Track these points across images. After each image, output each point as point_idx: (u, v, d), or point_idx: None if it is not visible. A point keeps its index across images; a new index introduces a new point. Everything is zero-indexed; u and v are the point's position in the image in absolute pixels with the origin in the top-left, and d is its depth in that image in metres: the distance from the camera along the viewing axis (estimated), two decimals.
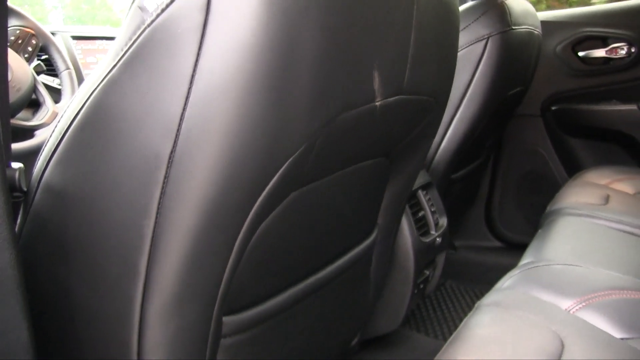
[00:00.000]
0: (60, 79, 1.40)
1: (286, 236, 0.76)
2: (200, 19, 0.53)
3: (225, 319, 0.74)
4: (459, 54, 1.44)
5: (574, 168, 2.08)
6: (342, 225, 0.91)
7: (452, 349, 0.77)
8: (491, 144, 2.05)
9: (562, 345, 0.79)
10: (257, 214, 0.65)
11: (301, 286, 0.86)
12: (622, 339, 0.84)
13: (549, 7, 3.25)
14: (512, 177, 2.23)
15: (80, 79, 1.46)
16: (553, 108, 2.14)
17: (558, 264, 1.05)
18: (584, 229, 1.29)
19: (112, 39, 1.66)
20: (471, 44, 1.47)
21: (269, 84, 0.54)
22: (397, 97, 0.74)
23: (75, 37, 1.56)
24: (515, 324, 0.84)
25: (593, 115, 2.07)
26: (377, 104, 0.69)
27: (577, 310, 0.90)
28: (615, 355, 0.79)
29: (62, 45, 1.49)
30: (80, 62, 1.52)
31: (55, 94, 1.40)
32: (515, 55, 1.59)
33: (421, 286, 1.40)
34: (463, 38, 1.47)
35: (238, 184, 0.59)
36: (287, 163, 0.62)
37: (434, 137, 1.00)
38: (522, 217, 2.24)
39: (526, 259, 1.12)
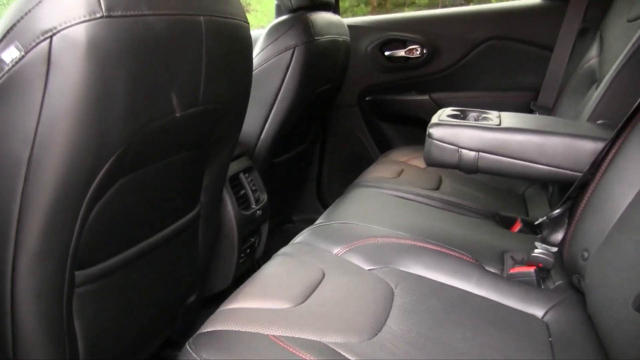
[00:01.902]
0: None
1: (120, 211, 1.04)
2: (44, 68, 0.80)
3: (77, 272, 1.00)
4: (270, 61, 1.79)
5: (385, 148, 2.50)
6: (167, 202, 1.20)
7: (244, 285, 1.09)
8: (315, 131, 2.42)
9: (323, 275, 1.13)
10: (93, 195, 0.92)
11: (137, 248, 1.14)
12: (369, 269, 1.21)
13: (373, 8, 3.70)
14: (337, 158, 2.64)
15: None
16: (367, 98, 2.56)
17: (338, 223, 1.41)
18: (369, 197, 1.66)
19: None
20: (281, 53, 1.81)
21: (91, 107, 0.82)
22: (194, 109, 1.04)
23: None
24: (294, 265, 1.17)
25: (398, 104, 2.52)
26: (177, 115, 1.00)
27: (342, 253, 1.25)
28: (361, 279, 1.15)
29: None
30: None
31: None
32: (320, 60, 1.95)
33: (248, 251, 1.72)
34: (274, 48, 1.81)
35: (76, 174, 0.87)
36: (111, 159, 0.90)
37: (238, 132, 1.32)
38: None
39: (319, 220, 1.47)
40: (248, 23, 1.21)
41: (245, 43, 1.20)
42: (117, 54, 0.83)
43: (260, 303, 1.00)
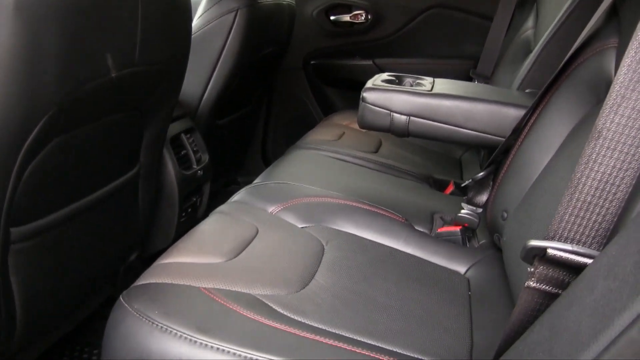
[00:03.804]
0: None
1: (55, 169, 1.05)
2: None
3: (12, 229, 1.02)
4: (212, 23, 1.80)
5: (329, 112, 2.54)
6: (105, 161, 1.21)
7: (179, 240, 1.13)
8: (260, 93, 2.44)
9: (257, 232, 1.17)
10: (27, 153, 0.93)
11: (74, 206, 1.15)
12: (302, 227, 1.26)
13: None
14: (282, 120, 2.67)
15: None
16: (312, 62, 2.59)
17: (275, 182, 1.45)
18: (308, 158, 1.71)
19: None
20: (223, 15, 1.82)
21: (21, 67, 0.84)
22: (130, 70, 1.06)
23: None
24: (229, 222, 1.21)
25: (342, 68, 2.56)
26: (113, 75, 1.01)
27: (277, 212, 1.30)
28: (293, 236, 1.19)
29: None
30: None
31: None
32: (264, 23, 1.97)
33: (189, 210, 1.75)
34: (217, 10, 1.81)
35: (7, 132, 0.88)
36: (44, 118, 0.91)
37: (177, 94, 1.34)
38: None
39: (257, 180, 1.51)
40: None
41: (183, 5, 1.21)
42: (47, 14, 0.85)
43: (195, 258, 1.04)
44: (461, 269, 1.23)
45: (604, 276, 0.50)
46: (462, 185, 1.38)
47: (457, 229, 1.35)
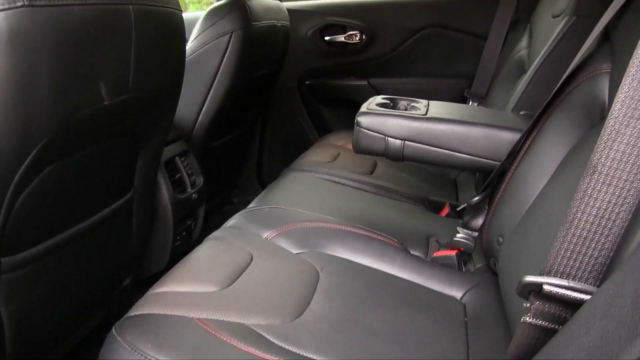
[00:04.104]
0: None
1: (49, 197, 1.04)
2: None
3: (3, 259, 1.01)
4: (207, 46, 1.80)
5: (324, 132, 2.54)
6: (98, 188, 1.20)
7: (173, 268, 1.12)
8: (255, 114, 2.44)
9: (251, 259, 1.17)
10: (20, 181, 0.93)
11: (68, 233, 1.14)
12: (296, 253, 1.25)
13: None
14: (277, 140, 2.67)
15: None
16: (307, 82, 2.60)
17: (269, 207, 1.45)
18: (303, 181, 1.70)
19: None
20: (218, 38, 1.82)
21: (15, 96, 0.83)
22: (124, 97, 1.05)
23: None
24: (223, 249, 1.20)
25: (337, 88, 2.57)
26: (106, 103, 1.01)
27: (272, 237, 1.29)
28: (287, 263, 1.19)
29: None
30: None
31: None
32: (258, 45, 1.97)
33: (184, 234, 1.74)
34: (211, 33, 1.81)
35: (2, 160, 0.87)
36: (38, 147, 0.91)
37: (170, 119, 1.33)
38: None
39: (252, 204, 1.50)
40: (181, 11, 1.22)
41: (176, 31, 1.21)
42: (41, 44, 0.84)
43: (188, 286, 1.03)
44: (457, 294, 1.22)
45: (600, 316, 0.50)
46: (458, 209, 1.38)
47: (453, 253, 1.34)
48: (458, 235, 1.35)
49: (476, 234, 1.34)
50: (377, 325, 1.02)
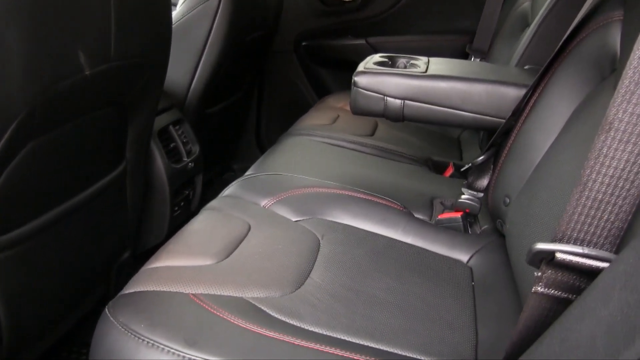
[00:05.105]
0: None
1: (34, 174, 1.00)
2: None
3: None
4: (196, 9, 1.73)
5: (323, 94, 2.48)
6: (87, 161, 1.16)
7: (168, 242, 1.08)
8: (251, 79, 2.38)
9: (249, 229, 1.12)
10: (0, 159, 0.89)
11: (58, 210, 1.10)
12: (296, 221, 1.21)
13: None
14: (275, 105, 2.61)
15: None
16: (303, 44, 2.52)
17: (267, 174, 1.40)
18: (301, 145, 1.65)
19: None
20: (206, 1, 1.75)
21: None
22: (106, 65, 1.00)
23: None
24: (219, 220, 1.16)
25: (334, 49, 2.49)
26: (87, 73, 0.95)
27: (270, 205, 1.25)
28: (287, 231, 1.14)
29: None
30: None
31: None
32: (249, 7, 1.90)
33: (182, 204, 1.70)
34: None
35: None
36: (15, 122, 0.86)
37: (160, 86, 1.28)
38: None
39: (249, 172, 1.46)
40: None
41: None
42: (9, 11, 0.78)
43: (183, 261, 0.99)
44: (463, 257, 1.18)
45: (620, 287, 0.45)
46: (462, 169, 1.33)
47: (458, 215, 1.30)
48: (463, 196, 1.30)
49: (481, 194, 1.30)
50: (381, 295, 0.98)
